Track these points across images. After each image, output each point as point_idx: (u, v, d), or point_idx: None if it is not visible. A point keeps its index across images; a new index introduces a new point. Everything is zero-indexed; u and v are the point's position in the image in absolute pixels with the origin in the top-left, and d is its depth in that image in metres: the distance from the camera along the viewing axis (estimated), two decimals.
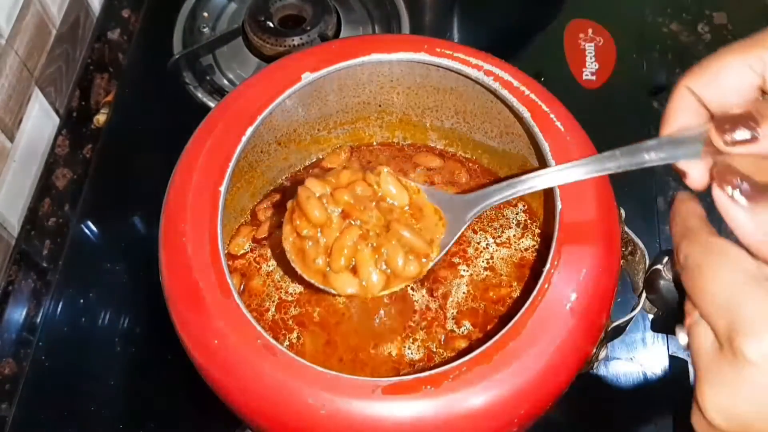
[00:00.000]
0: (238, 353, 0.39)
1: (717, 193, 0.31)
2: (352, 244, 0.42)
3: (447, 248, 0.43)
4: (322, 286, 0.43)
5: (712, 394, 0.31)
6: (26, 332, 0.61)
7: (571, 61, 0.72)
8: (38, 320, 0.61)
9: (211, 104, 0.69)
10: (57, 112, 0.72)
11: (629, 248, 0.46)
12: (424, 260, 0.43)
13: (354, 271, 0.42)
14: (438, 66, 0.50)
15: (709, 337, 0.32)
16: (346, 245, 0.42)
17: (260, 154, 0.54)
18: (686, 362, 0.57)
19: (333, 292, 0.43)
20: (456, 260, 0.53)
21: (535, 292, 0.40)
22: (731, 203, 0.31)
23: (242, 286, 0.52)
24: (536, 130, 0.46)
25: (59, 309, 0.61)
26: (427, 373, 0.38)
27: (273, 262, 0.53)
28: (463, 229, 0.43)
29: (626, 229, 0.47)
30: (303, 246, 0.43)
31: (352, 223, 0.42)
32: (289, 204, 0.44)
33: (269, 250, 0.54)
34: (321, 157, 0.58)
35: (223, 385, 0.40)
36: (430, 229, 0.43)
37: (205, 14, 0.77)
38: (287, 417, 0.39)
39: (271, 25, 0.72)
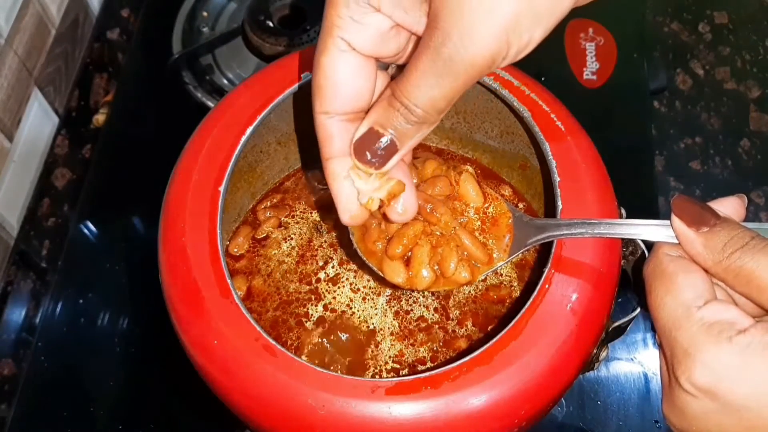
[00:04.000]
0: (237, 353, 0.39)
1: (675, 220, 0.33)
2: (413, 237, 0.42)
3: (499, 266, 0.43)
4: (373, 267, 0.43)
5: (668, 413, 0.33)
6: (25, 333, 0.61)
7: (572, 60, 0.72)
8: (37, 321, 0.61)
9: (211, 104, 0.69)
10: (56, 111, 0.72)
11: (630, 248, 0.46)
12: (478, 266, 0.43)
13: (408, 262, 0.43)
14: None
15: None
16: (408, 236, 0.42)
17: (260, 154, 0.54)
18: None
19: (380, 274, 0.43)
20: None
21: (535, 293, 0.40)
22: (688, 228, 0.33)
23: (247, 287, 0.52)
24: (537, 130, 0.46)
25: (58, 309, 0.61)
26: (427, 374, 0.38)
27: (273, 263, 0.53)
28: (520, 253, 0.43)
29: None
30: (369, 224, 0.43)
31: (420, 218, 0.43)
32: None
33: (269, 250, 0.54)
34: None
35: (223, 386, 0.40)
36: (498, 242, 0.43)
37: (205, 14, 0.77)
38: (287, 417, 0.38)
39: (270, 24, 0.72)
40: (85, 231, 0.66)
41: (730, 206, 0.34)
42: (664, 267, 0.33)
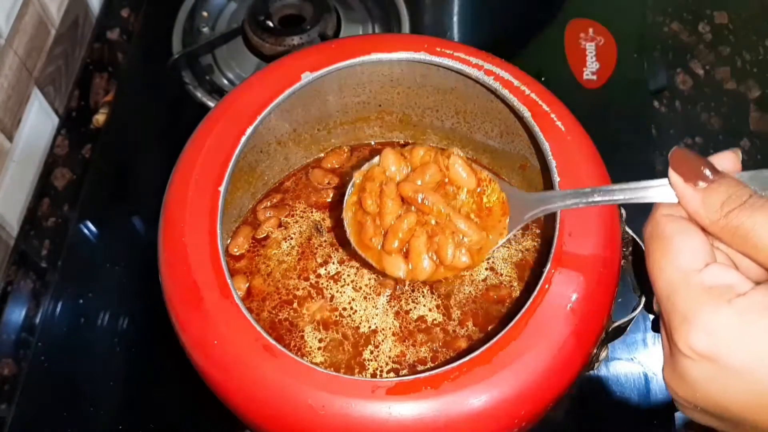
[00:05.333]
0: (237, 354, 0.39)
1: (673, 175, 0.32)
2: (408, 230, 0.42)
3: (499, 244, 0.42)
4: (372, 262, 0.43)
5: (670, 380, 0.32)
6: (25, 333, 0.61)
7: (572, 60, 0.72)
8: (37, 321, 0.61)
9: (211, 104, 0.69)
10: (56, 111, 0.72)
11: (630, 248, 0.46)
12: (477, 249, 0.42)
13: (406, 255, 0.42)
14: (438, 65, 0.49)
15: None
16: (403, 230, 0.42)
17: (260, 154, 0.54)
18: None
19: (380, 269, 0.43)
20: None
21: (535, 293, 0.40)
22: (686, 185, 0.32)
23: (247, 287, 0.52)
24: (537, 129, 0.46)
25: (58, 309, 0.61)
26: (427, 374, 0.38)
27: (273, 262, 0.53)
28: (518, 228, 0.42)
29: (627, 228, 0.46)
30: (363, 221, 0.43)
31: (412, 209, 0.42)
32: (358, 175, 0.44)
33: (269, 250, 0.54)
34: (321, 156, 0.58)
35: (223, 386, 0.40)
36: (494, 223, 0.42)
37: (205, 14, 0.77)
38: (286, 418, 0.38)
39: (270, 24, 0.72)
40: (85, 231, 0.66)
41: (726, 161, 0.33)
42: (662, 229, 0.32)
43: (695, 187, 0.32)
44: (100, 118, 0.72)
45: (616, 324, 0.44)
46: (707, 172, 0.32)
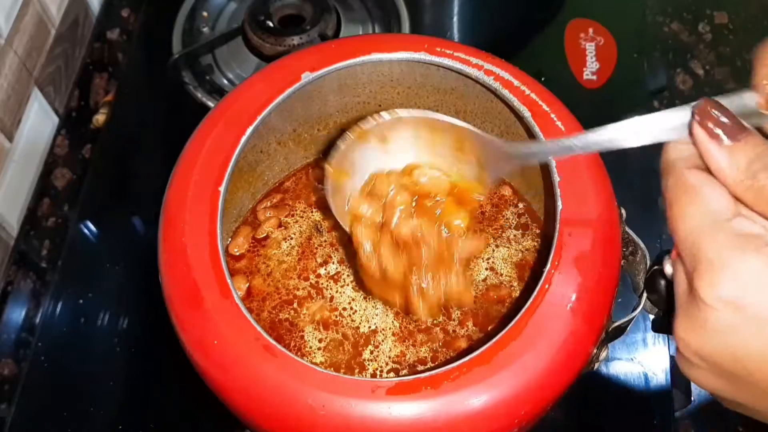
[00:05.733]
0: (237, 354, 0.39)
1: (697, 130, 0.31)
2: (420, 287, 0.43)
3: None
4: (398, 307, 0.45)
5: (683, 335, 0.31)
6: (25, 333, 0.61)
7: (572, 60, 0.72)
8: (37, 321, 0.61)
9: (211, 104, 0.69)
10: (56, 111, 0.72)
11: (630, 248, 0.46)
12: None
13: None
14: (438, 65, 0.49)
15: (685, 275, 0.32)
16: (414, 289, 0.43)
17: (260, 154, 0.54)
18: None
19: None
20: None
21: (535, 293, 0.40)
22: (710, 141, 0.30)
23: (247, 287, 0.52)
24: (537, 129, 0.46)
25: (58, 309, 0.61)
26: (426, 374, 0.38)
27: (273, 262, 0.53)
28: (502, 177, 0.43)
29: (627, 229, 0.46)
30: (373, 274, 0.44)
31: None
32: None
33: (269, 250, 0.54)
34: (321, 156, 0.58)
35: (223, 386, 0.40)
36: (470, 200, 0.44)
37: (205, 14, 0.77)
38: (286, 418, 0.38)
39: (270, 24, 0.72)
40: (85, 231, 0.66)
41: None
42: (686, 178, 0.31)
43: (720, 144, 0.30)
44: (100, 118, 0.72)
45: (616, 324, 0.44)
46: (736, 129, 0.30)
